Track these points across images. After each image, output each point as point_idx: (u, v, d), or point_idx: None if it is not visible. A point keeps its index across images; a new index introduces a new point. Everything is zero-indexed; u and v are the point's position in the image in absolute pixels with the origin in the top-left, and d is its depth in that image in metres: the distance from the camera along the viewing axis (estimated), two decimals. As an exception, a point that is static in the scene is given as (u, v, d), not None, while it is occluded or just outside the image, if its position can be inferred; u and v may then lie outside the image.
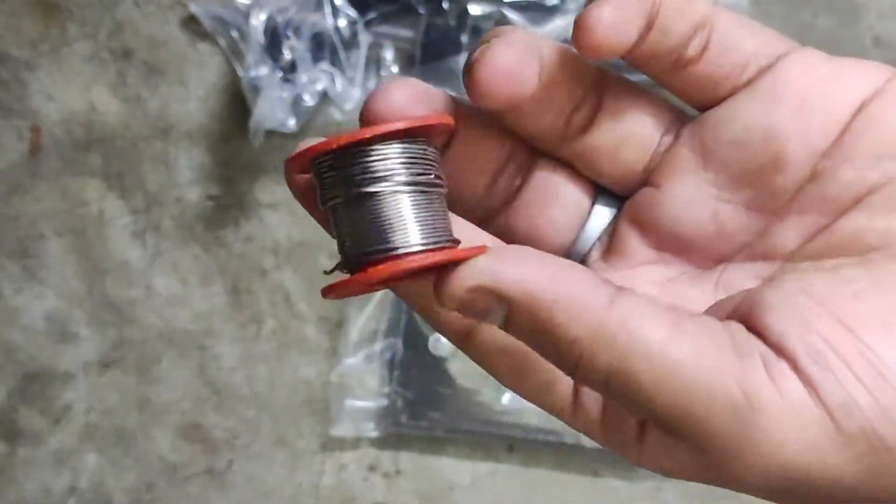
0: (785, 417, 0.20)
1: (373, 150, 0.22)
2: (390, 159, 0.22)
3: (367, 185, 0.22)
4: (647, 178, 0.26)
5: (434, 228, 0.22)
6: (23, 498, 0.73)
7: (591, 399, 0.25)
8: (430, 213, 0.22)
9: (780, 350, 0.20)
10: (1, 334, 0.73)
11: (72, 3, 0.72)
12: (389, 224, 0.22)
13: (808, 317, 0.21)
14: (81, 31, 0.72)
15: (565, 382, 0.25)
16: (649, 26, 0.23)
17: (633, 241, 0.26)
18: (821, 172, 0.23)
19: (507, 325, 0.22)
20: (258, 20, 0.68)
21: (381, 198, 0.22)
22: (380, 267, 0.21)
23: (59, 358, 0.73)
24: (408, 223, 0.22)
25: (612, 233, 0.26)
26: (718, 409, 0.20)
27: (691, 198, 0.25)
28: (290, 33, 0.67)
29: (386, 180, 0.22)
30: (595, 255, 0.27)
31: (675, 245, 0.26)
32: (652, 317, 0.21)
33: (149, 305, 0.72)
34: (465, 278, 0.21)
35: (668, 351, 0.20)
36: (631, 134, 0.26)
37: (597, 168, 0.26)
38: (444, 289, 0.21)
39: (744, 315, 0.22)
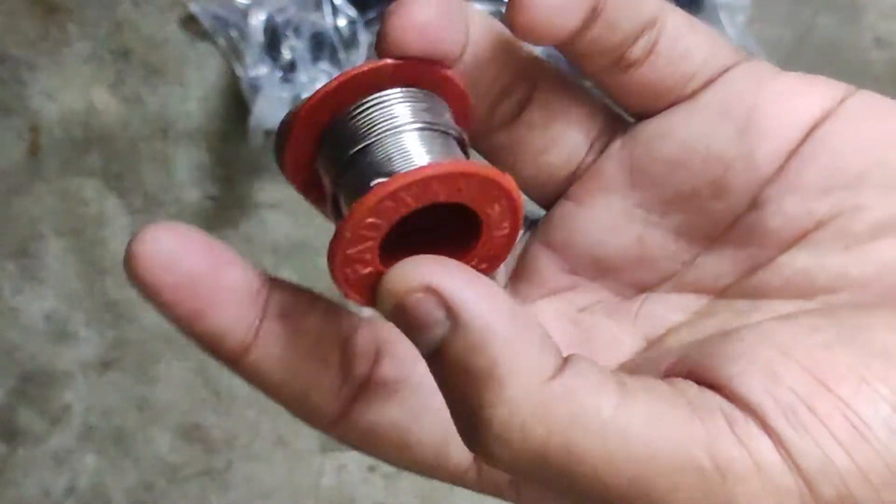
0: (757, 485, 0.17)
1: (376, 97, 0.20)
2: (394, 104, 0.20)
3: (373, 133, 0.20)
4: (567, 190, 0.23)
5: (445, 156, 0.19)
6: (22, 498, 0.73)
7: None
8: (440, 148, 0.20)
9: (744, 406, 0.18)
10: (0, 334, 0.73)
11: (71, 3, 0.71)
12: (390, 160, 0.19)
13: (776, 368, 0.18)
14: (81, 31, 0.72)
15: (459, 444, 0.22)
16: (594, 17, 0.21)
17: (544, 264, 0.23)
18: (763, 201, 0.21)
19: (433, 352, 0.18)
20: (257, 20, 0.68)
21: (387, 140, 0.19)
22: (369, 194, 0.18)
23: (59, 358, 0.73)
24: (412, 154, 0.19)
25: (521, 254, 0.24)
26: (686, 482, 0.17)
27: (614, 218, 0.23)
28: (289, 33, 0.67)
29: (392, 125, 0.20)
30: (500, 279, 0.24)
31: (592, 269, 0.23)
32: (600, 382, 0.18)
33: (148, 305, 0.72)
34: (430, 273, 0.18)
35: (620, 420, 0.17)
36: (561, 135, 0.23)
37: (517, 168, 0.23)
38: (399, 274, 0.18)
39: (689, 369, 0.19)
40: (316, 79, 0.68)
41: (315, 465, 0.72)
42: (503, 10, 0.66)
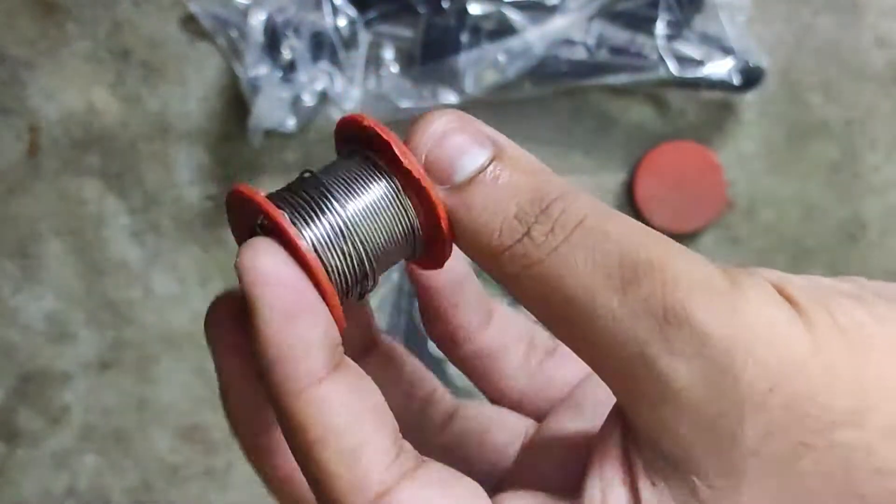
0: (765, 300, 0.19)
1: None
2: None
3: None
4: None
5: None
6: (21, 499, 0.73)
7: None
8: None
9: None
10: (0, 334, 0.73)
11: (70, 3, 0.71)
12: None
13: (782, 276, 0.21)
14: (80, 30, 0.71)
15: None
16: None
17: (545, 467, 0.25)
18: None
19: (476, 173, 0.21)
20: (257, 19, 0.67)
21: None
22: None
23: (58, 358, 0.73)
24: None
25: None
26: (709, 294, 0.19)
27: None
28: (289, 33, 0.67)
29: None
30: None
31: None
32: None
33: (147, 305, 0.72)
34: (458, 114, 0.22)
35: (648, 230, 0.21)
36: (497, 415, 0.28)
37: (468, 459, 0.26)
38: (438, 112, 0.21)
39: None
40: (316, 79, 0.68)
41: (315, 465, 0.71)
42: (503, 10, 0.66)
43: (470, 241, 0.21)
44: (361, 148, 0.23)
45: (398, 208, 0.22)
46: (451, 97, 0.67)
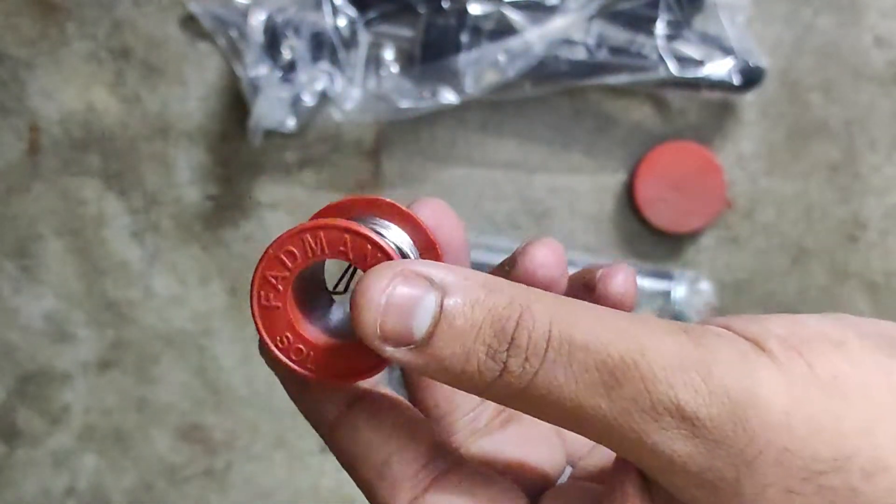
0: (741, 365, 0.21)
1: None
2: None
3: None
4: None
5: None
6: (21, 499, 0.73)
7: None
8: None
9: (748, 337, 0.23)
10: (0, 334, 0.73)
11: (70, 3, 0.71)
12: None
13: (761, 323, 0.23)
14: (80, 30, 0.71)
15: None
16: None
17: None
18: None
19: (434, 323, 0.22)
20: (257, 20, 0.67)
21: None
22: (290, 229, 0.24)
23: (58, 358, 0.73)
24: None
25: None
26: (687, 375, 0.21)
27: None
28: (289, 33, 0.67)
29: None
30: None
31: None
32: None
33: (148, 306, 0.72)
34: (394, 265, 0.22)
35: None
36: (543, 431, 0.29)
37: (510, 469, 0.28)
38: (373, 276, 0.22)
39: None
40: (316, 79, 0.68)
41: (315, 465, 0.71)
42: (503, 10, 0.66)
43: (455, 384, 0.23)
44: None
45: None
46: (451, 97, 0.67)
